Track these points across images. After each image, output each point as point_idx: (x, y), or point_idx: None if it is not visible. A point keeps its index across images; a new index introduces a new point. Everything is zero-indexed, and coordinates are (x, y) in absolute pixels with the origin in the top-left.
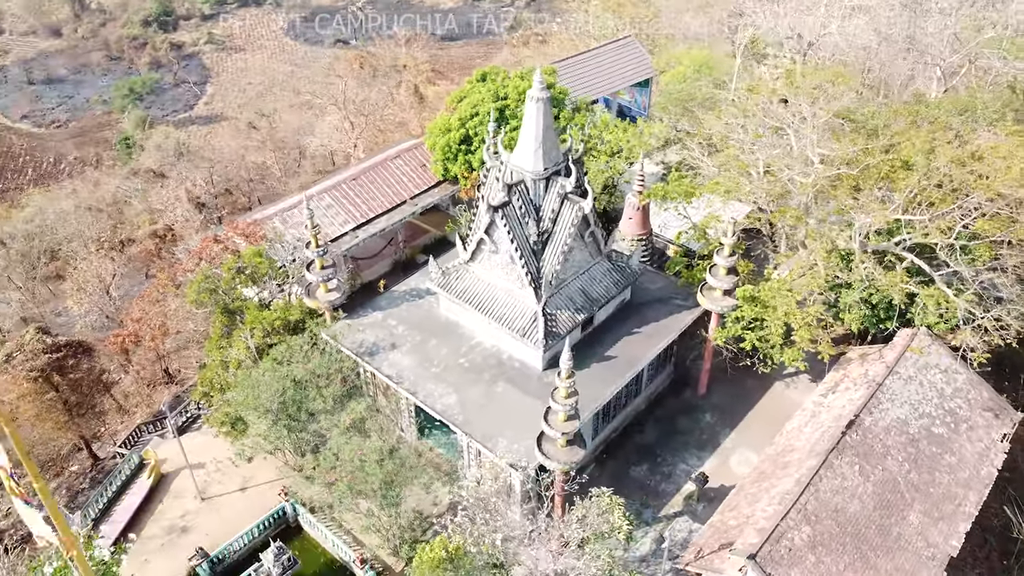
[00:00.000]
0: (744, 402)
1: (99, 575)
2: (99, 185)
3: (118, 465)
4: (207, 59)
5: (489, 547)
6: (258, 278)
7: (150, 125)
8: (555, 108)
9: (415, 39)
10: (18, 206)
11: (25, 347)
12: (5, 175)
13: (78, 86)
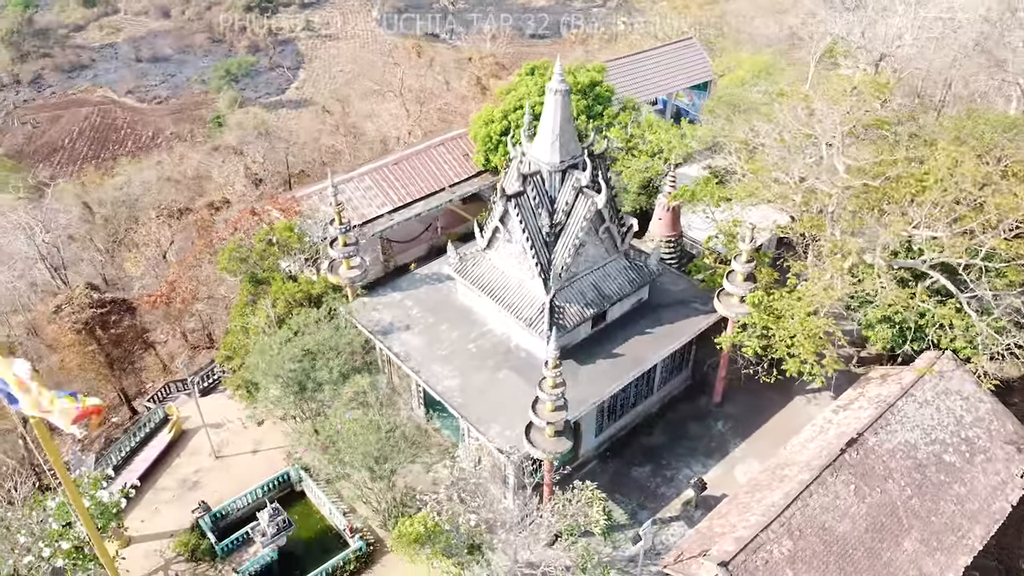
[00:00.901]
0: (760, 414)
1: (100, 514)
2: (184, 159)
3: (142, 417)
4: (302, 45)
5: (465, 526)
6: (288, 251)
7: (242, 105)
8: (599, 105)
9: (501, 35)
10: (111, 174)
11: (73, 301)
12: (108, 145)
13: (180, 65)
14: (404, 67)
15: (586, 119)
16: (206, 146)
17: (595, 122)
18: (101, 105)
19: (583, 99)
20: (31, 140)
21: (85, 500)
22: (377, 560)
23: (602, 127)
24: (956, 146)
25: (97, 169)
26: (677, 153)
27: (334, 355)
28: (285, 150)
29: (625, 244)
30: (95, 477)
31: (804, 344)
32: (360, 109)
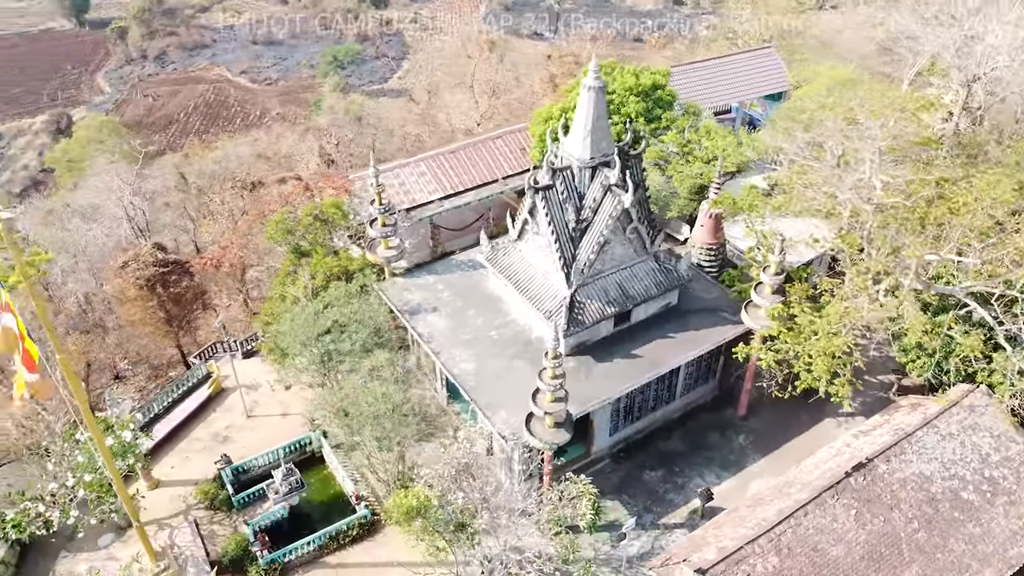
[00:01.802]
0: (785, 432)
1: (122, 452)
2: (279, 138)
3: (187, 373)
4: (409, 37)
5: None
6: (333, 227)
7: (345, 91)
8: (659, 109)
9: (603, 37)
10: (212, 148)
11: (139, 258)
12: (218, 121)
13: (292, 50)
14: (477, 60)
15: (644, 121)
16: (302, 127)
17: (652, 125)
18: (216, 83)
19: (642, 101)
20: (150, 112)
21: (109, 439)
22: (379, 530)
23: (659, 130)
24: (1007, 172)
25: (201, 142)
26: (731, 161)
27: (359, 328)
28: (373, 135)
29: (655, 246)
30: (123, 418)
31: (818, 362)
32: (446, 101)
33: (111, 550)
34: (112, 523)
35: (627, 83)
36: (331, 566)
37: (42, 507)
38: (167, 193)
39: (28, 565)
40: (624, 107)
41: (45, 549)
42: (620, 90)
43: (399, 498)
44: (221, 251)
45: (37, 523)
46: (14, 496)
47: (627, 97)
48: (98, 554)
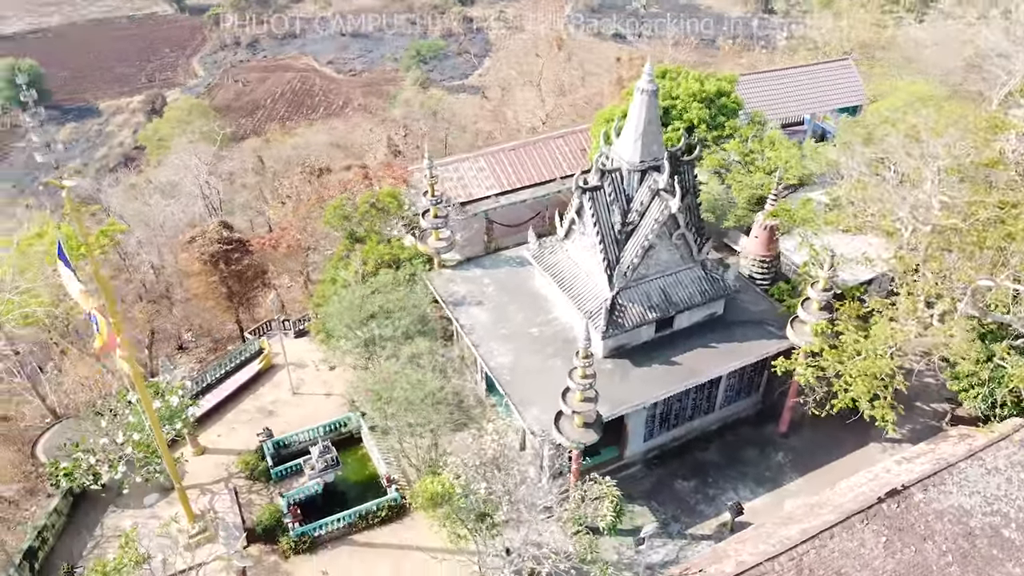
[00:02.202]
0: (827, 453)
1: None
2: (355, 128)
3: (239, 347)
4: (492, 35)
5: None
6: (388, 215)
7: (425, 86)
8: (723, 116)
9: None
10: (291, 134)
11: (205, 234)
12: (302, 109)
13: (377, 43)
14: (545, 60)
15: (706, 128)
16: (378, 118)
17: (715, 132)
18: (303, 72)
19: (706, 108)
20: (239, 97)
21: (157, 403)
22: (408, 513)
23: (721, 138)
24: None
25: (282, 128)
26: (793, 173)
27: (402, 315)
28: (446, 130)
29: (702, 254)
30: (172, 384)
31: (858, 382)
32: (516, 98)
33: (155, 509)
34: (158, 484)
35: (691, 89)
36: (358, 544)
37: (92, 460)
38: (245, 175)
39: (79, 516)
40: (687, 113)
41: (95, 503)
42: (684, 95)
43: (425, 483)
44: (280, 232)
45: (87, 475)
46: (69, 448)
47: (690, 103)
48: (143, 512)
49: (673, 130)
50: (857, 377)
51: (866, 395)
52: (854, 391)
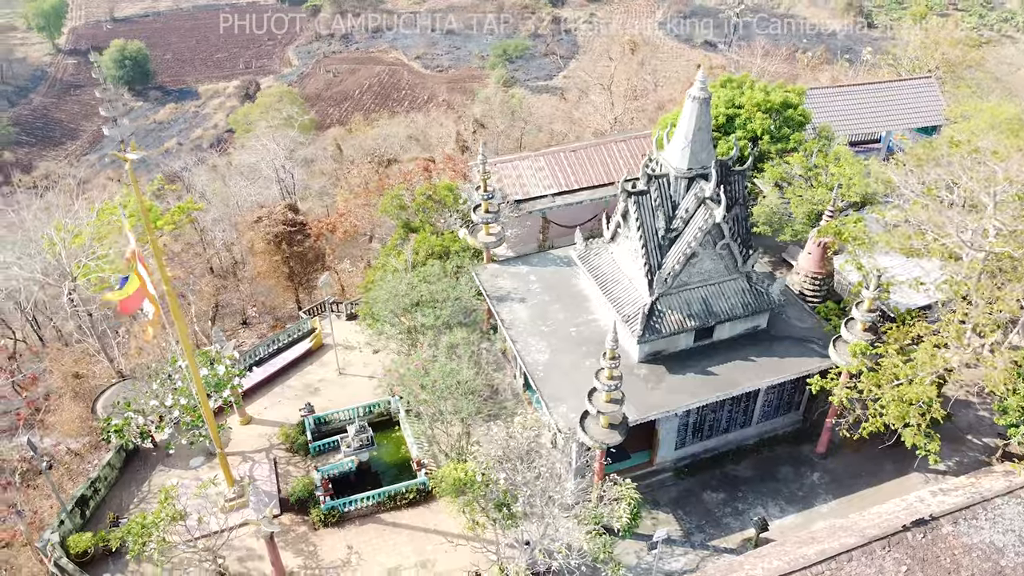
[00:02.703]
0: (864, 478)
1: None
2: (433, 123)
3: (292, 326)
4: (580, 37)
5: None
6: (444, 208)
7: (509, 85)
8: (788, 128)
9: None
10: (372, 126)
11: (271, 216)
12: (388, 102)
13: (466, 40)
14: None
15: (770, 140)
16: (456, 114)
17: (778, 144)
18: (392, 66)
19: (770, 119)
20: (329, 87)
21: (205, 370)
22: (435, 498)
23: (785, 151)
24: None
25: (365, 120)
26: (855, 191)
27: (445, 305)
28: (522, 128)
29: (747, 266)
30: (220, 354)
31: (892, 406)
32: (592, 100)
33: (199, 471)
34: (203, 448)
35: (756, 99)
36: (385, 523)
37: (141, 419)
38: (324, 162)
39: (130, 472)
40: (750, 123)
41: (146, 460)
42: (748, 105)
43: (448, 470)
44: (338, 217)
45: (135, 433)
46: (122, 406)
47: (754, 113)
48: (188, 473)
49: (738, 138)
50: (891, 402)
51: (899, 420)
52: (887, 415)
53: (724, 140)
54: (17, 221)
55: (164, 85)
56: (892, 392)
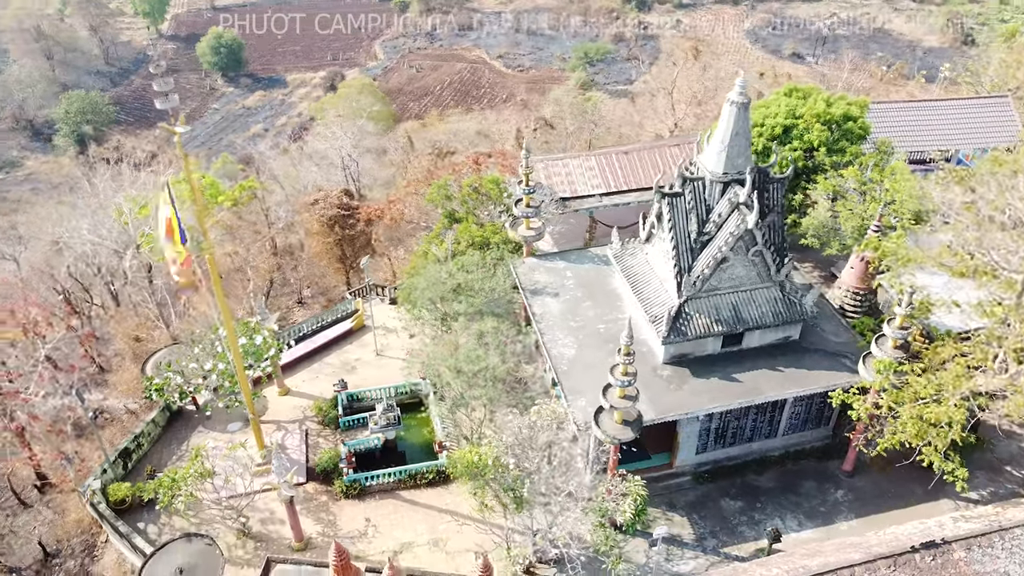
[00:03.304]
0: (890, 500)
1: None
2: (505, 120)
3: (338, 305)
4: (664, 43)
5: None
6: (488, 200)
7: (586, 88)
8: (846, 141)
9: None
10: (446, 121)
11: (327, 199)
12: (467, 99)
13: (550, 41)
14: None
15: (826, 151)
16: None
17: (834, 157)
18: (474, 64)
19: (828, 131)
20: (411, 81)
21: (244, 339)
22: (454, 480)
23: (841, 163)
24: None
25: (440, 115)
26: (908, 208)
27: (479, 295)
28: (591, 130)
29: (781, 275)
30: (261, 325)
31: (910, 424)
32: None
33: (235, 435)
34: (241, 413)
35: (816, 109)
36: (403, 500)
37: (180, 380)
38: (395, 153)
39: (172, 431)
40: (808, 134)
41: (188, 422)
42: (808, 115)
43: (463, 453)
44: (387, 204)
45: (174, 393)
46: (163, 367)
47: (813, 123)
48: (224, 436)
49: (790, 150)
50: (910, 419)
51: (916, 439)
52: (904, 433)
53: (779, 149)
54: (91, 191)
55: (255, 73)
56: (912, 411)
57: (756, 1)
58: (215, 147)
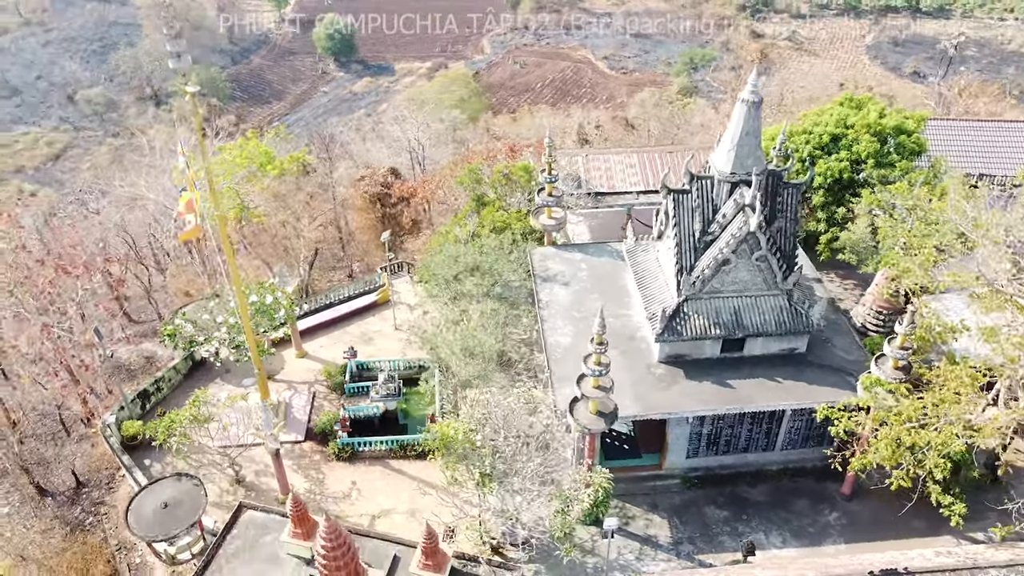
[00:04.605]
0: (887, 529)
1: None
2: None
3: (363, 279)
4: (775, 54)
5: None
6: (517, 187)
7: (688, 93)
8: (897, 155)
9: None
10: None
11: (373, 176)
12: (566, 97)
13: (657, 45)
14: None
15: (873, 164)
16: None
17: (882, 171)
18: (578, 63)
19: (878, 143)
20: (513, 77)
21: (253, 296)
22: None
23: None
24: None
25: (529, 110)
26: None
27: (489, 276)
28: (674, 134)
29: (787, 283)
30: (273, 286)
31: (883, 445)
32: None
33: (249, 390)
34: None
35: (867, 120)
36: (391, 468)
37: (190, 328)
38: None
39: (193, 379)
40: (856, 145)
41: (208, 372)
42: (858, 125)
43: (440, 425)
44: (420, 184)
45: (185, 340)
46: (180, 316)
47: (862, 134)
48: (239, 389)
49: (836, 160)
50: (883, 441)
51: (889, 461)
52: (877, 455)
53: (824, 160)
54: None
55: (365, 60)
56: (890, 432)
57: (880, 15)
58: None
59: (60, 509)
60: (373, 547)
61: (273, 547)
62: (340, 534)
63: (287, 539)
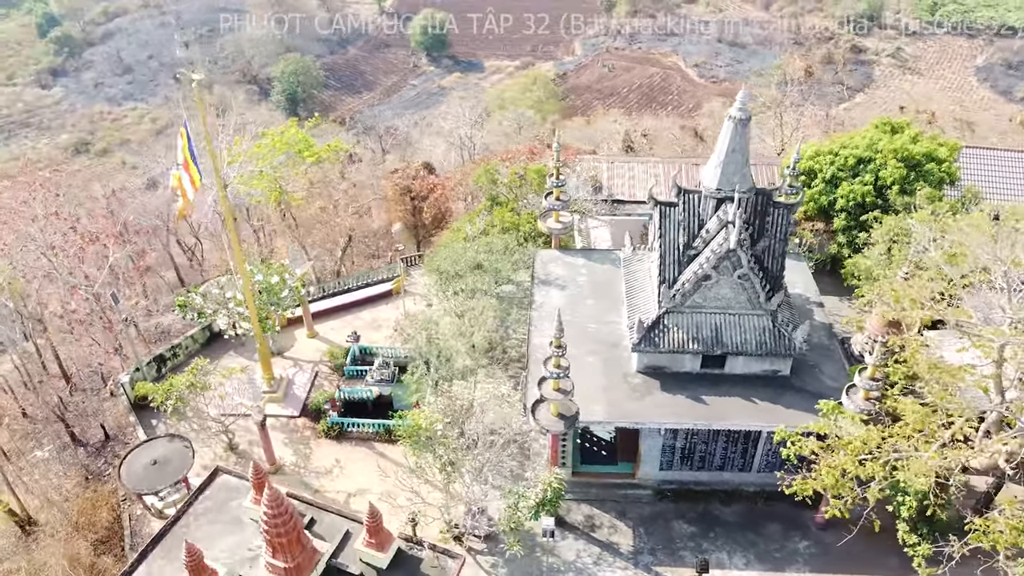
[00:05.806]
0: (857, 564)
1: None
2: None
3: (383, 267)
4: (878, 71)
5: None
6: (531, 189)
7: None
8: (925, 181)
9: None
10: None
11: (406, 170)
12: (652, 104)
13: (751, 55)
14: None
15: (898, 191)
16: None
17: (906, 198)
18: (667, 69)
19: (905, 169)
20: (600, 80)
21: (259, 275)
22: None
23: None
24: None
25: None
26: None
27: (484, 274)
28: None
29: (771, 304)
30: (282, 266)
31: (825, 471)
32: None
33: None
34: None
35: (895, 144)
36: (375, 451)
37: (200, 300)
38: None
39: (209, 350)
40: (883, 170)
41: (224, 345)
42: (886, 150)
43: (414, 413)
44: (439, 180)
45: (195, 311)
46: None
47: (889, 159)
48: (250, 363)
49: (860, 183)
50: (825, 468)
51: (832, 490)
52: (823, 480)
53: (848, 182)
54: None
55: (456, 56)
56: (833, 460)
57: (995, 35)
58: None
59: (89, 459)
60: (330, 521)
61: (238, 511)
62: (281, 503)
63: (249, 504)
